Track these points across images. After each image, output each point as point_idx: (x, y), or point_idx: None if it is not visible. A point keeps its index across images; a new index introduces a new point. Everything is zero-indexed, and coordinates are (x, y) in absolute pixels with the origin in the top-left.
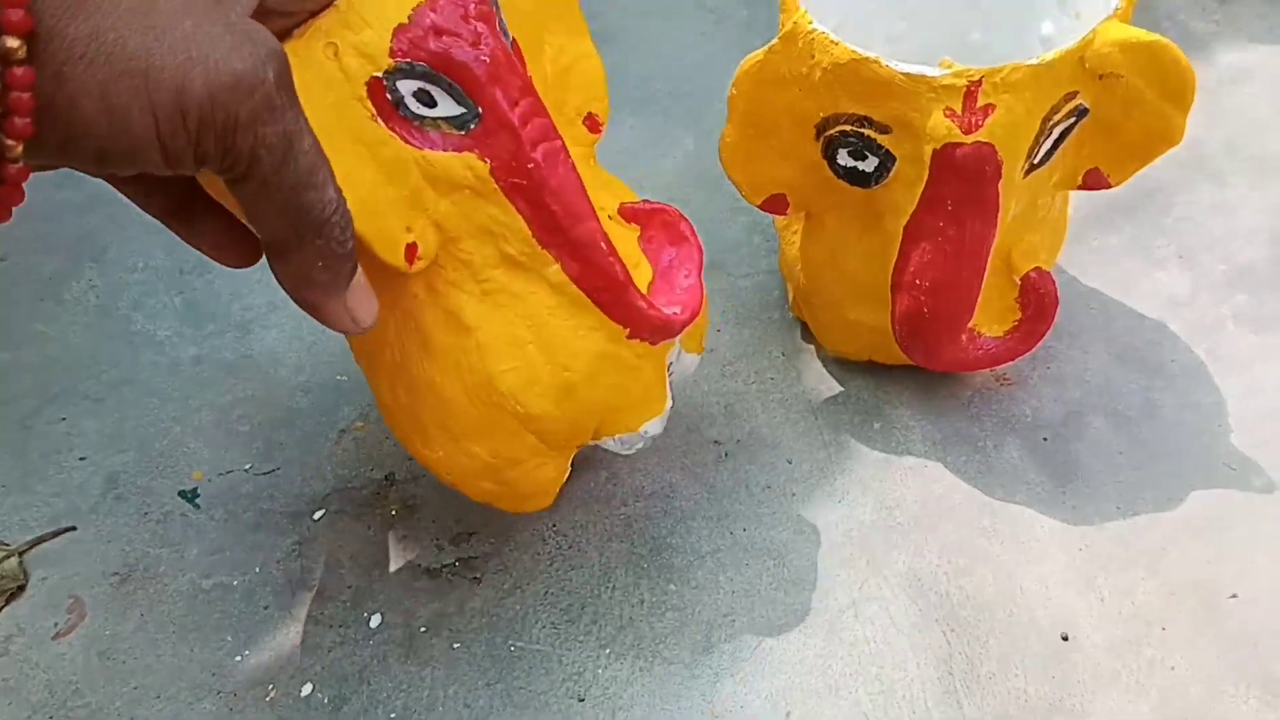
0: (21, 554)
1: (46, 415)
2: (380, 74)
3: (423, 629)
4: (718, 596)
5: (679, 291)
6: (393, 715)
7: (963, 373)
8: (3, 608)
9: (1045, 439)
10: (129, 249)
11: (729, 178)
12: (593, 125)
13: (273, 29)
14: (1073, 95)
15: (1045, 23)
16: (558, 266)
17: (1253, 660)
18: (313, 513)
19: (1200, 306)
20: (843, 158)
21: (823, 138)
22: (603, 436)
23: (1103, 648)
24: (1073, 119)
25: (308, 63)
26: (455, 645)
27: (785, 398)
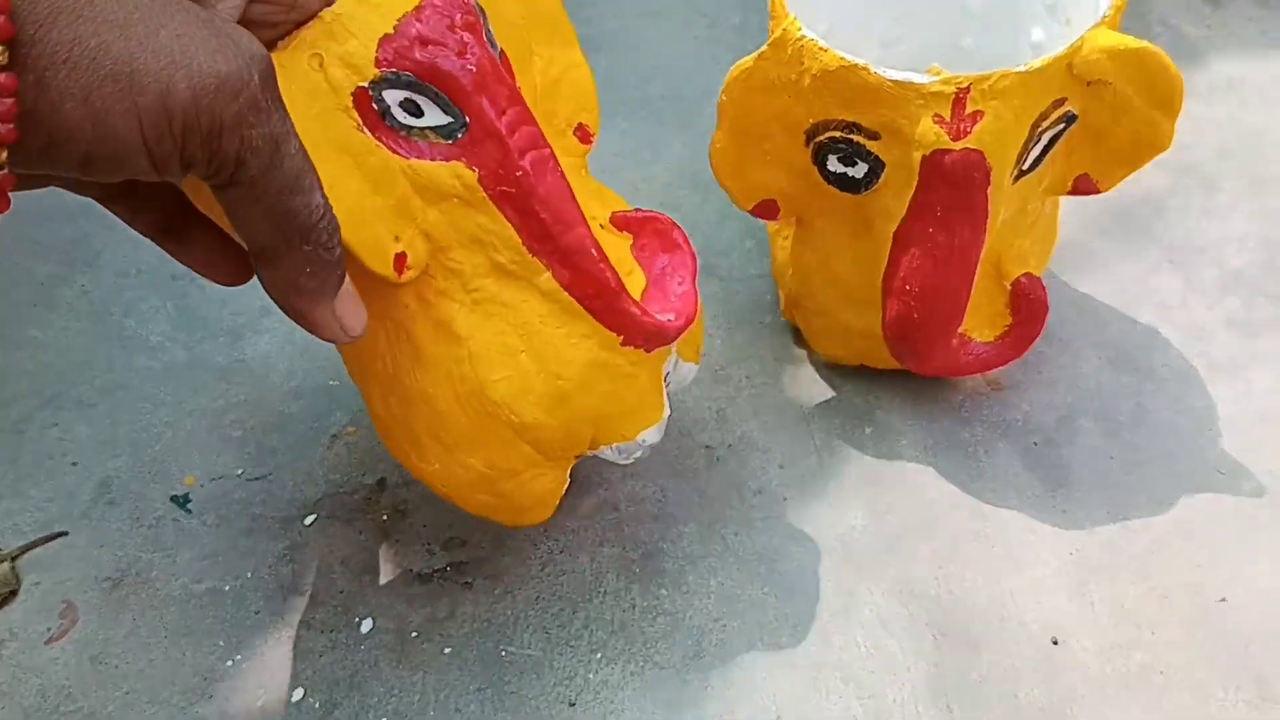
0: (14, 559)
1: (39, 420)
2: (366, 84)
3: (414, 634)
4: (709, 601)
5: (673, 299)
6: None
7: (954, 377)
8: None
9: (1036, 444)
10: (121, 254)
11: (720, 183)
12: (584, 136)
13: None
14: (1061, 102)
15: (1036, 29)
16: (549, 274)
17: (1242, 664)
18: (304, 518)
19: (1191, 311)
20: (833, 164)
21: (813, 144)
22: (600, 446)
23: (1093, 652)
24: (1062, 125)
25: (293, 74)
26: (446, 650)
27: (777, 402)
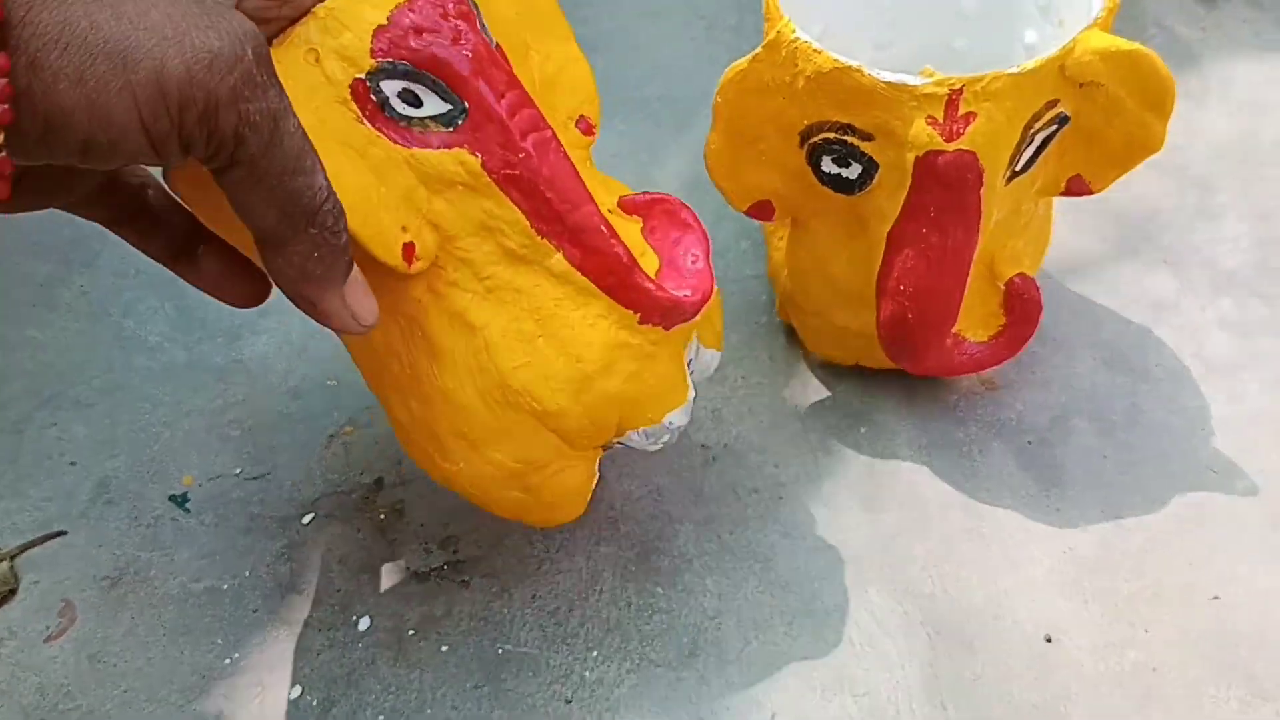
0: (13, 558)
1: (38, 420)
2: (363, 75)
3: (411, 632)
4: (704, 600)
5: (688, 275)
6: (381, 717)
7: (948, 377)
8: None
9: (1030, 443)
10: (120, 255)
11: (715, 185)
12: (586, 128)
13: None
14: (1054, 103)
15: (1029, 31)
16: (560, 255)
17: (1235, 661)
18: (302, 517)
19: (1185, 311)
20: (827, 165)
21: (807, 145)
22: (626, 431)
23: (1086, 649)
24: (1054, 126)
25: (289, 70)
26: (444, 648)
27: (772, 402)
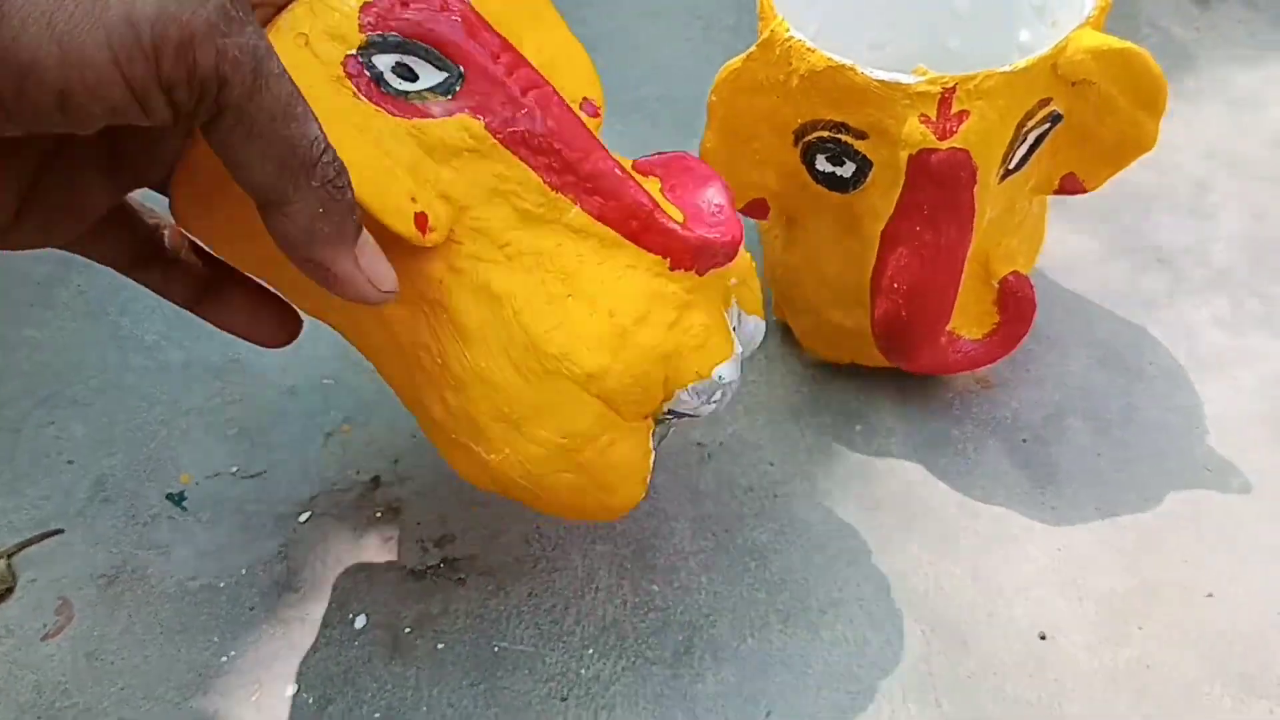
0: (10, 556)
1: (35, 419)
2: (354, 51)
3: (407, 630)
4: (699, 597)
5: (713, 221)
6: (377, 715)
7: (943, 376)
8: None
9: (1025, 441)
10: None
11: None
12: (592, 111)
13: None
14: (1047, 102)
15: (1023, 31)
16: (578, 209)
17: (1229, 659)
18: (298, 515)
19: (1179, 310)
20: (821, 163)
21: (801, 143)
22: (674, 392)
23: (1081, 646)
24: (1047, 125)
25: (280, 56)
26: (440, 646)
27: (767, 400)
